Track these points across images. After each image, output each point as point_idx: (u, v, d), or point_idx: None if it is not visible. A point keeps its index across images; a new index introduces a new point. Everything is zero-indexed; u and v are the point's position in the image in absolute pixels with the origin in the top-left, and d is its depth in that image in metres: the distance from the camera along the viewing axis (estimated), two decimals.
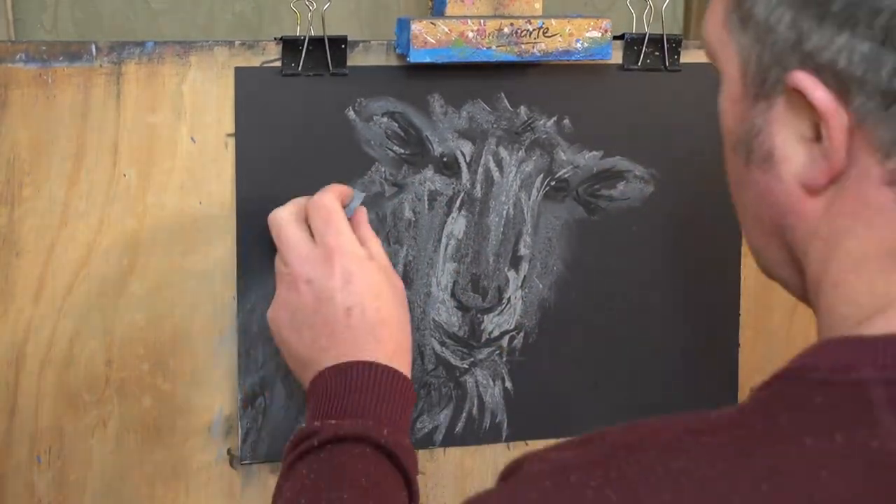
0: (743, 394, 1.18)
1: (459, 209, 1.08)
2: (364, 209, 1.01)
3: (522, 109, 1.08)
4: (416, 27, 1.00)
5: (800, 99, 0.64)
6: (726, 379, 1.17)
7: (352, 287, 0.95)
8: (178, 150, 1.00)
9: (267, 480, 1.06)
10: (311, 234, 0.97)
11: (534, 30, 1.03)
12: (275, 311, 0.97)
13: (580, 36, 1.04)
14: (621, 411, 1.14)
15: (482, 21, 1.01)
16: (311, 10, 1.01)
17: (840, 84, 0.63)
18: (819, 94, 0.63)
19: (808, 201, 0.66)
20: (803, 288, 0.70)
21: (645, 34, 1.09)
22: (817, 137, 0.64)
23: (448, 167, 1.07)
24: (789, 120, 0.66)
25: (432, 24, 1.00)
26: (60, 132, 0.98)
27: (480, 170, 1.07)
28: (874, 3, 0.61)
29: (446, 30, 1.01)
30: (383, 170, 1.05)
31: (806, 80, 0.63)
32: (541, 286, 1.11)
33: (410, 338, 0.98)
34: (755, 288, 1.17)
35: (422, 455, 1.10)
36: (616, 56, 1.09)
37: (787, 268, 0.71)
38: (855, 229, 0.65)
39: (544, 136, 1.09)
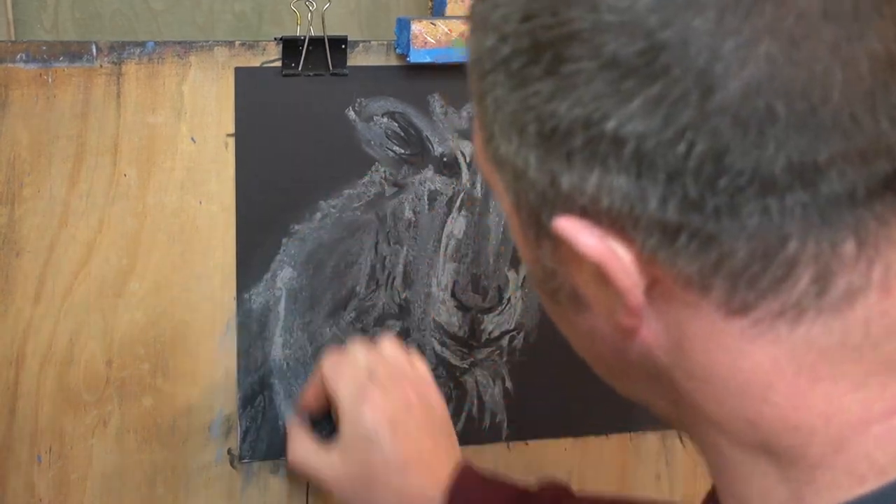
0: None
1: (459, 209, 1.08)
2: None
3: None
4: (416, 27, 1.00)
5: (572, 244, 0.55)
6: None
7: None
8: (178, 150, 1.01)
9: (267, 480, 1.06)
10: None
11: None
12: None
13: None
14: (621, 411, 1.14)
15: None
16: (311, 11, 1.01)
17: (612, 222, 0.54)
18: (584, 240, 0.54)
19: (640, 339, 0.57)
20: (678, 417, 0.61)
21: None
22: (606, 279, 0.55)
23: (448, 167, 1.07)
24: (578, 261, 0.56)
25: (432, 24, 1.00)
26: (61, 132, 0.98)
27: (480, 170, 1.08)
28: (614, 133, 0.52)
29: (446, 30, 1.01)
30: (383, 170, 1.05)
31: (569, 227, 0.55)
32: None
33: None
34: None
35: None
36: None
37: (657, 398, 0.62)
38: (736, 364, 0.56)
39: None
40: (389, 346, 0.99)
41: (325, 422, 1.00)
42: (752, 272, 0.53)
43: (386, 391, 0.95)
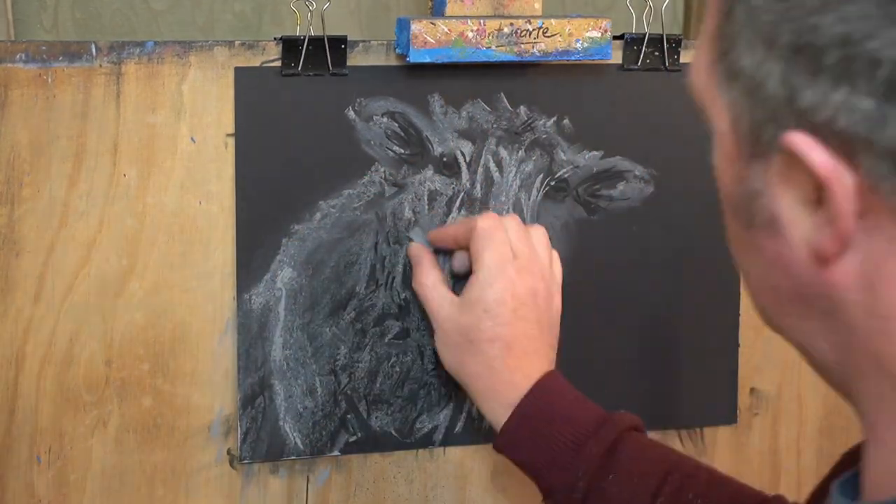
0: (743, 394, 1.18)
1: (459, 209, 1.08)
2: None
3: (522, 109, 1.08)
4: (415, 27, 1.00)
5: (798, 160, 0.56)
6: (726, 379, 1.17)
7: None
8: (178, 150, 1.01)
9: (267, 480, 1.06)
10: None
11: (534, 30, 1.03)
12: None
13: (580, 36, 1.04)
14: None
15: (482, 21, 1.01)
16: (311, 10, 1.01)
17: (843, 144, 0.54)
18: (817, 156, 0.55)
19: (829, 271, 0.57)
20: (840, 364, 0.61)
21: (645, 34, 1.09)
22: (821, 201, 0.56)
23: (448, 167, 1.07)
24: (790, 182, 0.57)
25: (432, 24, 1.00)
26: (60, 132, 0.98)
27: (480, 170, 1.07)
28: (872, 54, 0.53)
29: (446, 30, 1.01)
30: (383, 170, 1.05)
31: (802, 143, 0.55)
32: None
33: None
34: None
35: (421, 455, 1.10)
36: (616, 56, 1.09)
37: (821, 340, 0.61)
38: None
39: (544, 136, 1.09)
40: (540, 235, 1.05)
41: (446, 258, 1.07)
42: None
43: (521, 274, 1.00)
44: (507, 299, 0.99)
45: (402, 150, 1.06)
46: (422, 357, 1.08)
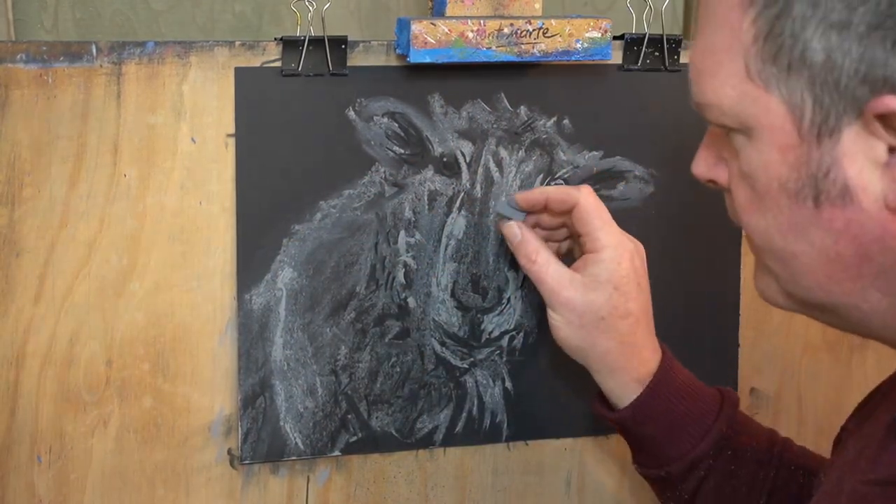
0: (743, 394, 1.18)
1: (459, 209, 1.08)
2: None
3: (522, 109, 1.08)
4: (416, 27, 1.00)
5: (875, 125, 0.66)
6: (726, 379, 1.17)
7: None
8: (178, 150, 1.01)
9: (267, 480, 1.06)
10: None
11: (534, 30, 1.03)
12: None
13: (580, 36, 1.04)
14: None
15: (482, 21, 1.01)
16: (311, 11, 1.01)
17: None
18: None
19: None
20: (875, 312, 0.71)
21: (645, 34, 1.09)
22: (890, 161, 0.66)
23: (448, 167, 1.07)
24: (861, 149, 0.67)
25: (432, 24, 1.00)
26: (61, 132, 0.98)
27: (480, 170, 1.08)
28: None
29: (446, 30, 1.01)
30: (383, 170, 1.05)
31: (894, 103, 0.65)
32: None
33: None
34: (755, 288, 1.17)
35: (421, 455, 1.10)
36: (616, 56, 1.09)
37: (873, 290, 0.71)
38: None
39: (544, 136, 1.09)
40: None
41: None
42: None
43: (638, 252, 1.02)
44: (632, 274, 1.01)
45: (403, 151, 1.06)
46: (422, 357, 1.08)
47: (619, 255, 1.00)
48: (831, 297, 0.73)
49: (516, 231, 1.02)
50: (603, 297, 1.00)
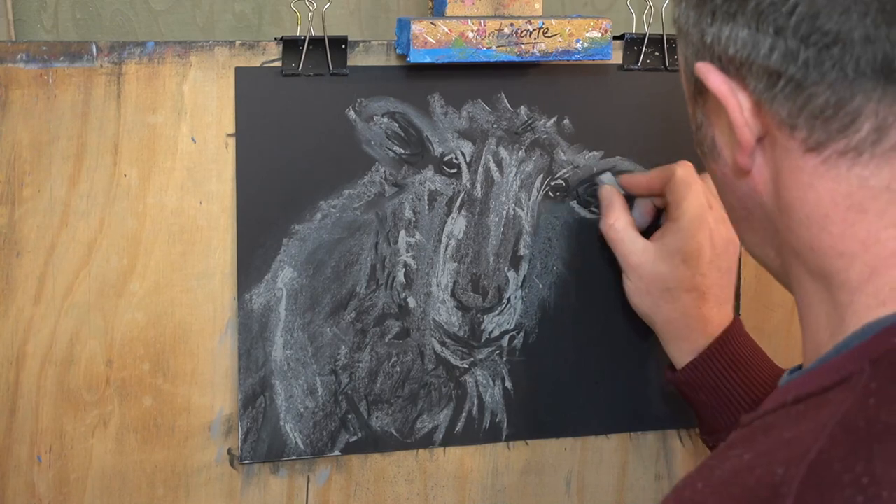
0: None
1: (459, 209, 1.08)
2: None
3: (522, 109, 1.08)
4: (416, 27, 1.00)
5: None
6: None
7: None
8: (178, 150, 1.01)
9: (267, 480, 1.06)
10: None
11: (534, 30, 1.03)
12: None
13: (580, 36, 1.04)
14: (621, 411, 1.14)
15: (482, 21, 1.01)
16: (311, 11, 1.01)
17: (736, 70, 0.68)
18: (712, 78, 0.69)
19: (752, 180, 0.71)
20: (782, 266, 0.73)
21: (645, 34, 1.09)
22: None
23: (448, 167, 1.07)
24: (717, 110, 0.71)
25: (432, 24, 1.00)
26: (61, 132, 0.98)
27: (480, 170, 1.08)
28: None
29: (446, 30, 1.01)
30: (383, 170, 1.06)
31: (703, 69, 0.70)
32: (541, 286, 1.11)
33: None
34: (755, 288, 1.17)
35: (421, 455, 1.10)
36: (616, 56, 1.09)
37: (767, 248, 0.74)
38: (805, 197, 0.69)
39: (544, 136, 1.09)
40: None
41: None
42: (826, 116, 0.66)
43: (718, 224, 1.04)
44: (706, 250, 1.02)
45: (403, 151, 1.06)
46: (422, 357, 1.08)
47: (693, 227, 1.02)
48: (751, 252, 0.76)
49: (606, 195, 1.07)
50: (669, 267, 1.03)
